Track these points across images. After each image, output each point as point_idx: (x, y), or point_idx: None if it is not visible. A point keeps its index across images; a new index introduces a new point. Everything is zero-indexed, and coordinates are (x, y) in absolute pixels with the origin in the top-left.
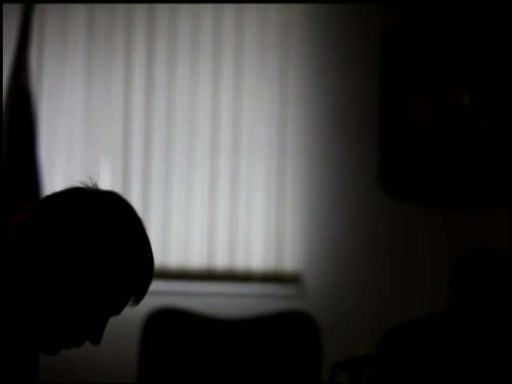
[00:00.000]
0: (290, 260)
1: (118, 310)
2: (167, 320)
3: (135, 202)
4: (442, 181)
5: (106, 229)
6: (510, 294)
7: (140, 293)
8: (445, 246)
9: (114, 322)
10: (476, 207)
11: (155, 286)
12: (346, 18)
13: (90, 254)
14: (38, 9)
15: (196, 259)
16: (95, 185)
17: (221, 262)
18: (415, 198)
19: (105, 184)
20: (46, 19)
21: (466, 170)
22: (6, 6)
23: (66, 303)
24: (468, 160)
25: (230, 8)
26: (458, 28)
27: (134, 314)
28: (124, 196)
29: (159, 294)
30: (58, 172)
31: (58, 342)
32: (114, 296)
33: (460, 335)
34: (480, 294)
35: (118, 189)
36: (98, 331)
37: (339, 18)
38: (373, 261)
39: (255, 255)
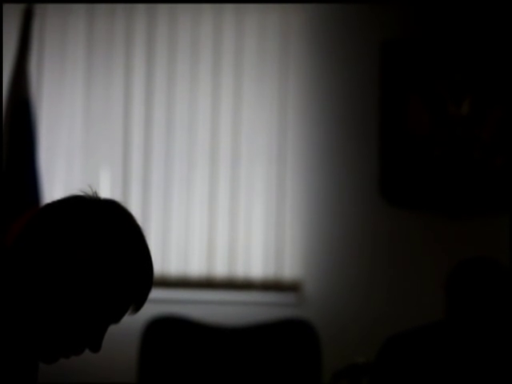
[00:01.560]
0: (290, 268)
1: (117, 319)
2: (167, 328)
3: (135, 211)
4: (442, 189)
5: (106, 237)
6: (506, 303)
7: (139, 301)
8: (445, 254)
9: (113, 329)
10: (476, 215)
11: (155, 293)
12: (346, 26)
13: (90, 263)
14: (38, 12)
15: (196, 267)
16: (95, 193)
17: (220, 269)
18: (415, 206)
19: (104, 192)
20: (46, 26)
21: (465, 178)
22: (6, 13)
23: (65, 311)
24: (467, 168)
25: (230, 13)
26: (457, 36)
27: (134, 321)
28: (123, 204)
29: (159, 302)
30: (57, 180)
31: (56, 350)
32: (113, 304)
33: (458, 344)
34: (477, 303)
35: (117, 197)
36: (97, 339)
37: (339, 25)
38: (372, 268)
39: (255, 263)
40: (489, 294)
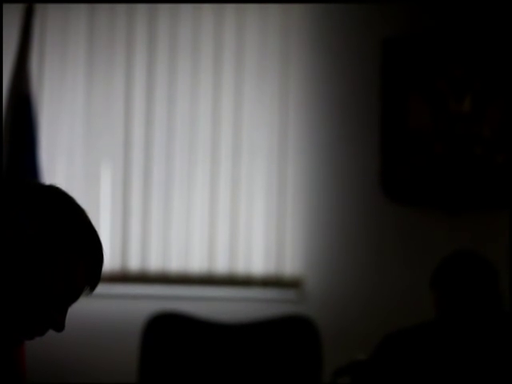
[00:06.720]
0: (291, 264)
1: (74, 297)
2: (168, 324)
3: (136, 207)
4: (443, 185)
5: (51, 215)
6: (495, 296)
7: (93, 280)
8: (446, 250)
9: (114, 325)
10: (476, 211)
11: (156, 290)
12: (346, 23)
13: (38, 241)
14: (39, 12)
15: (196, 263)
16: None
17: (221, 266)
18: (416, 203)
19: (105, 188)
20: (47, 23)
21: (466, 174)
22: (7, 10)
23: (22, 292)
24: (468, 165)
25: (230, 11)
26: (458, 33)
27: (135, 317)
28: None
29: (160, 299)
30: (58, 176)
31: (18, 332)
32: (67, 282)
33: (454, 342)
34: (468, 299)
35: (118, 193)
36: (59, 319)
37: (340, 23)
38: (373, 265)
39: (256, 260)
40: (478, 288)
